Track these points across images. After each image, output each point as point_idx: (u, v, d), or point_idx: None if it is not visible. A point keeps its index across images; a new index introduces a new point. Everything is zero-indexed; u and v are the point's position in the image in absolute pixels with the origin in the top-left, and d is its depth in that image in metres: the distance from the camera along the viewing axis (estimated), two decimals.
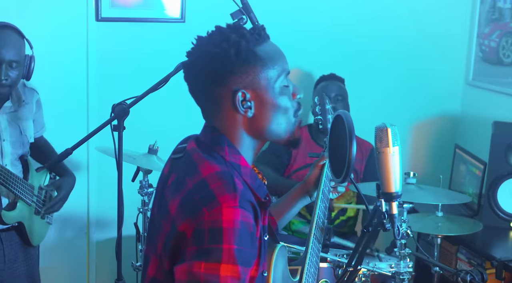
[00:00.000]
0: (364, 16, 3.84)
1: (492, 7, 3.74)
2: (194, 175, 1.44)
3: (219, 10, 2.72)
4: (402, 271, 2.67)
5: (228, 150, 1.50)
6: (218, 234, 1.35)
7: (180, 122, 3.45)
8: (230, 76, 1.48)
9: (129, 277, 2.89)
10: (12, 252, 2.69)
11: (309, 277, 1.90)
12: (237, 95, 1.48)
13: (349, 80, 3.56)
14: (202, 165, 1.46)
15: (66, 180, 2.83)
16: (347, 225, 3.50)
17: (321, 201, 2.01)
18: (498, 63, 3.69)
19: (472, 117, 3.94)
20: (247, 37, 1.49)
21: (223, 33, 1.49)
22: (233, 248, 1.35)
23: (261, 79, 1.50)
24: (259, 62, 1.49)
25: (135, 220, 3.02)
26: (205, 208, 1.37)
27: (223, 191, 1.39)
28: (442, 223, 3.00)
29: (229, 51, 1.47)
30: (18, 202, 2.64)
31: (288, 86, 1.56)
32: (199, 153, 1.50)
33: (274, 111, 1.52)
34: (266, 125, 1.53)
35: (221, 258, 1.34)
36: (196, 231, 1.37)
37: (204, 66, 1.49)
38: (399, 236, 1.67)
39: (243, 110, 1.49)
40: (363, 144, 3.43)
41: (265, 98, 1.51)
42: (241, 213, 1.37)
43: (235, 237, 1.35)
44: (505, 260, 2.80)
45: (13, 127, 2.66)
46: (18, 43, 2.56)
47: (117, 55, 3.57)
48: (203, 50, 1.49)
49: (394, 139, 1.63)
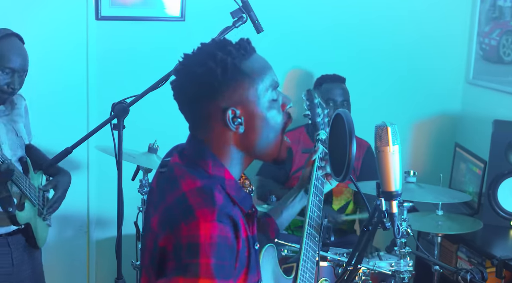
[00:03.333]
0: (364, 16, 3.84)
1: (493, 5, 3.74)
2: (175, 190, 1.45)
3: (219, 8, 2.72)
4: (402, 270, 2.67)
5: (212, 164, 1.50)
6: (196, 249, 1.35)
7: (180, 121, 3.42)
8: (219, 94, 1.48)
9: (129, 276, 2.89)
10: (19, 256, 2.68)
11: (305, 273, 1.89)
12: (227, 112, 1.48)
13: (349, 79, 3.56)
14: (183, 180, 1.46)
15: (62, 178, 2.82)
16: (346, 223, 3.50)
17: (313, 196, 2.00)
18: (498, 62, 3.69)
19: (472, 116, 3.94)
20: (233, 53, 1.48)
21: (209, 52, 1.48)
22: (210, 262, 1.35)
23: (249, 95, 1.50)
24: (246, 78, 1.49)
25: (135, 219, 3.02)
26: (183, 222, 1.38)
27: (202, 205, 1.39)
28: (442, 221, 3.00)
29: (216, 70, 1.46)
30: (25, 203, 2.64)
31: (277, 99, 1.55)
32: (182, 167, 1.50)
33: (264, 125, 1.52)
34: (257, 140, 1.53)
35: (199, 273, 1.34)
36: (175, 245, 1.38)
37: (192, 86, 1.49)
38: (399, 235, 1.67)
39: (234, 127, 1.50)
40: (360, 142, 3.43)
41: (255, 113, 1.51)
42: (219, 227, 1.37)
43: (213, 252, 1.35)
44: (505, 259, 2.80)
45: (9, 130, 2.66)
46: (24, 51, 2.60)
47: (117, 54, 3.56)
48: (190, 70, 1.49)
49: (394, 138, 1.63)
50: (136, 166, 3.00)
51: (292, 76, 3.84)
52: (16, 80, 2.54)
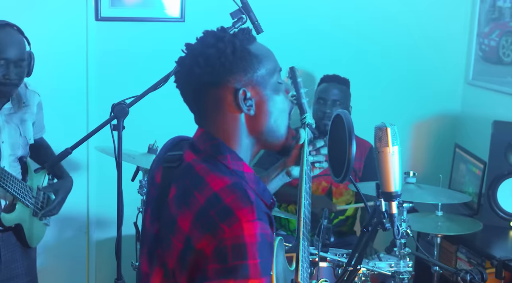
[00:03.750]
0: (363, 16, 3.84)
1: (492, 6, 3.74)
2: (204, 189, 1.41)
3: (218, 9, 2.72)
4: (402, 271, 2.67)
5: (230, 158, 1.48)
6: (242, 250, 1.34)
7: (179, 121, 3.44)
8: (230, 75, 1.47)
9: (129, 276, 2.89)
10: (9, 253, 2.68)
11: (303, 263, 1.89)
12: (239, 93, 1.48)
13: (349, 79, 3.56)
14: (209, 177, 1.43)
15: (63, 183, 2.83)
16: (346, 224, 3.50)
17: (305, 183, 1.99)
18: (498, 63, 3.69)
19: (472, 117, 3.94)
20: (239, 36, 1.49)
21: (215, 35, 1.49)
22: (257, 262, 1.34)
23: (259, 76, 1.50)
24: (255, 59, 1.49)
25: (134, 219, 3.02)
26: (224, 224, 1.35)
27: (240, 205, 1.37)
28: (442, 222, 3.00)
29: (226, 50, 1.46)
30: (17, 204, 2.64)
31: (282, 82, 1.57)
32: (202, 164, 1.47)
33: (273, 108, 1.53)
34: (266, 122, 1.53)
35: (248, 274, 1.33)
36: (218, 248, 1.35)
37: (202, 69, 1.48)
38: (398, 235, 1.67)
39: (246, 108, 1.49)
40: (362, 143, 3.43)
41: (264, 95, 1.51)
42: (260, 225, 1.37)
43: (259, 251, 1.35)
44: (505, 260, 2.80)
45: (12, 129, 2.65)
46: (20, 41, 2.57)
47: (117, 55, 3.57)
48: (198, 54, 1.48)
49: (393, 138, 1.63)
50: (136, 167, 3.00)
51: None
52: (12, 71, 2.51)
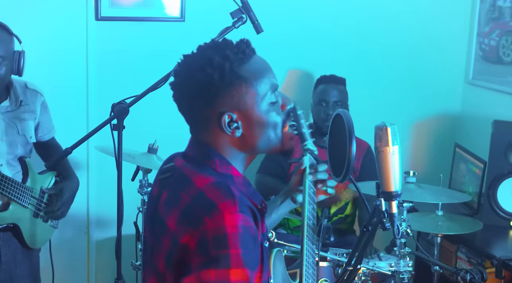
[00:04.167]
0: (363, 16, 3.84)
1: (492, 5, 3.74)
2: (190, 188, 1.45)
3: (218, 9, 2.72)
4: (402, 270, 2.67)
5: (218, 162, 1.51)
6: (224, 240, 1.35)
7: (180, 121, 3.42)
8: (216, 99, 1.49)
9: (129, 276, 2.89)
10: (9, 253, 2.67)
11: (308, 279, 1.90)
12: (223, 117, 1.49)
13: (348, 79, 3.56)
14: (196, 177, 1.47)
15: (68, 184, 2.82)
16: (345, 222, 3.50)
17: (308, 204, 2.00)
18: (498, 62, 3.69)
19: (472, 116, 3.94)
20: (231, 58, 1.48)
21: (206, 56, 1.49)
22: (239, 252, 1.36)
23: (247, 99, 1.50)
24: (244, 83, 1.49)
25: (135, 219, 3.02)
26: (206, 216, 1.38)
27: (222, 198, 1.40)
28: (442, 222, 3.00)
29: (213, 76, 1.46)
30: (11, 204, 2.63)
31: (276, 101, 1.55)
32: (190, 167, 1.51)
33: (263, 128, 1.53)
34: (256, 142, 1.54)
35: (230, 263, 1.35)
36: (200, 240, 1.37)
37: (190, 90, 1.50)
38: (398, 235, 1.67)
39: (229, 131, 1.50)
40: (360, 143, 3.43)
41: (253, 117, 1.51)
42: (242, 217, 1.39)
43: (240, 242, 1.36)
44: (505, 259, 2.80)
45: (10, 127, 2.65)
46: (4, 39, 2.53)
47: (117, 54, 3.57)
48: (188, 75, 1.50)
49: (393, 138, 1.63)
50: (136, 167, 2.99)
51: (291, 76, 3.84)
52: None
